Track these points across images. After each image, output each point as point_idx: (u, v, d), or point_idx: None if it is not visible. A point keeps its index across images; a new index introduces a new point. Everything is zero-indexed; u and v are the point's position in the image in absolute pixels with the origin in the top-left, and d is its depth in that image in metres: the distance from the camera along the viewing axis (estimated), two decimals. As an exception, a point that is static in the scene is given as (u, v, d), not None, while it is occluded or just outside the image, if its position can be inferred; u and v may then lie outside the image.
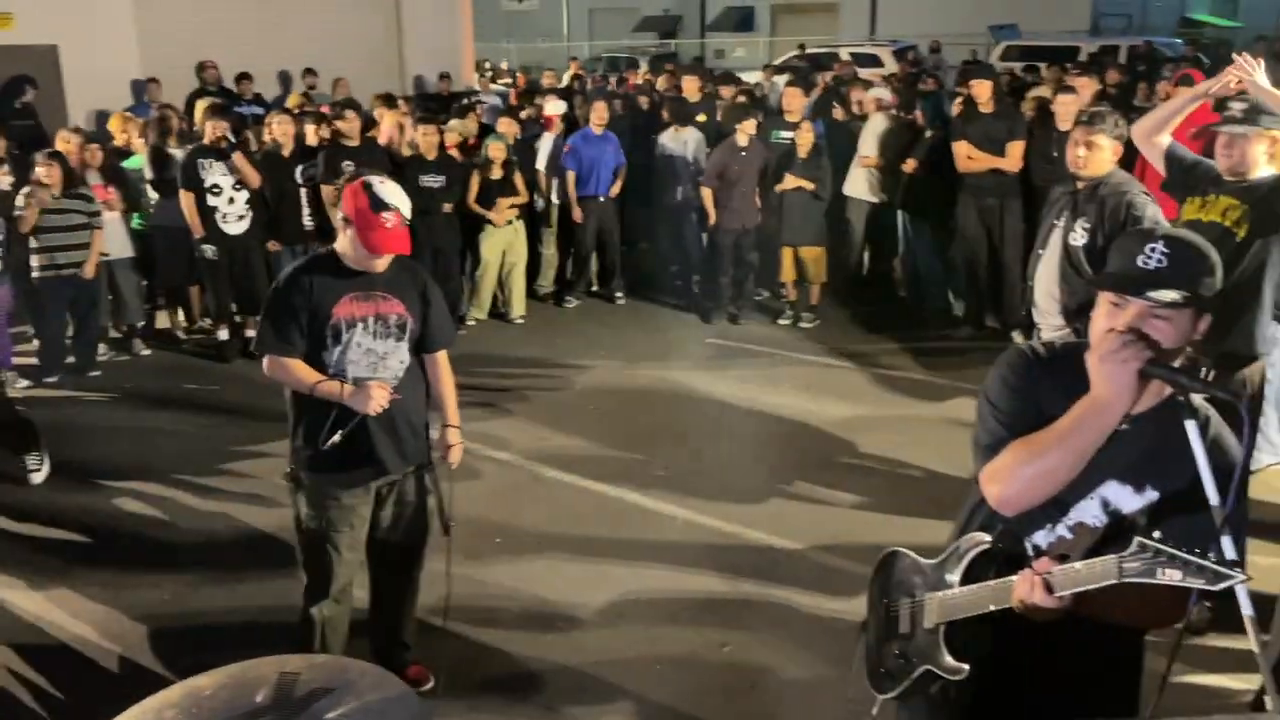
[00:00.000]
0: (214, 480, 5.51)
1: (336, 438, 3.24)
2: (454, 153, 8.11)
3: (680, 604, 4.28)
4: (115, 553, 4.78)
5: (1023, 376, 2.07)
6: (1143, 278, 1.88)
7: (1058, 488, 1.95)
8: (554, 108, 8.91)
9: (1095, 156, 4.45)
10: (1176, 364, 1.97)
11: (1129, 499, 1.96)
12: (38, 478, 5.48)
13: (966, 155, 7.42)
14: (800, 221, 7.89)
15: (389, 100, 8.56)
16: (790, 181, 7.78)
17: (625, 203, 8.93)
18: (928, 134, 8.05)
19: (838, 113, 9.20)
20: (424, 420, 3.54)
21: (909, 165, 7.94)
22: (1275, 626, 3.39)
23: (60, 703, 3.72)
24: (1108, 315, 1.93)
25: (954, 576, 2.09)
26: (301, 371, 3.27)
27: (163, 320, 8.21)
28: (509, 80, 14.64)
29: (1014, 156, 7.29)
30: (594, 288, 9.17)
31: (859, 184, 8.40)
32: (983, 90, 7.43)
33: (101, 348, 7.49)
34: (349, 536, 3.43)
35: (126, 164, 7.76)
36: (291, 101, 9.96)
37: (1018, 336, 7.46)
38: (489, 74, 16.68)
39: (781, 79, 12.46)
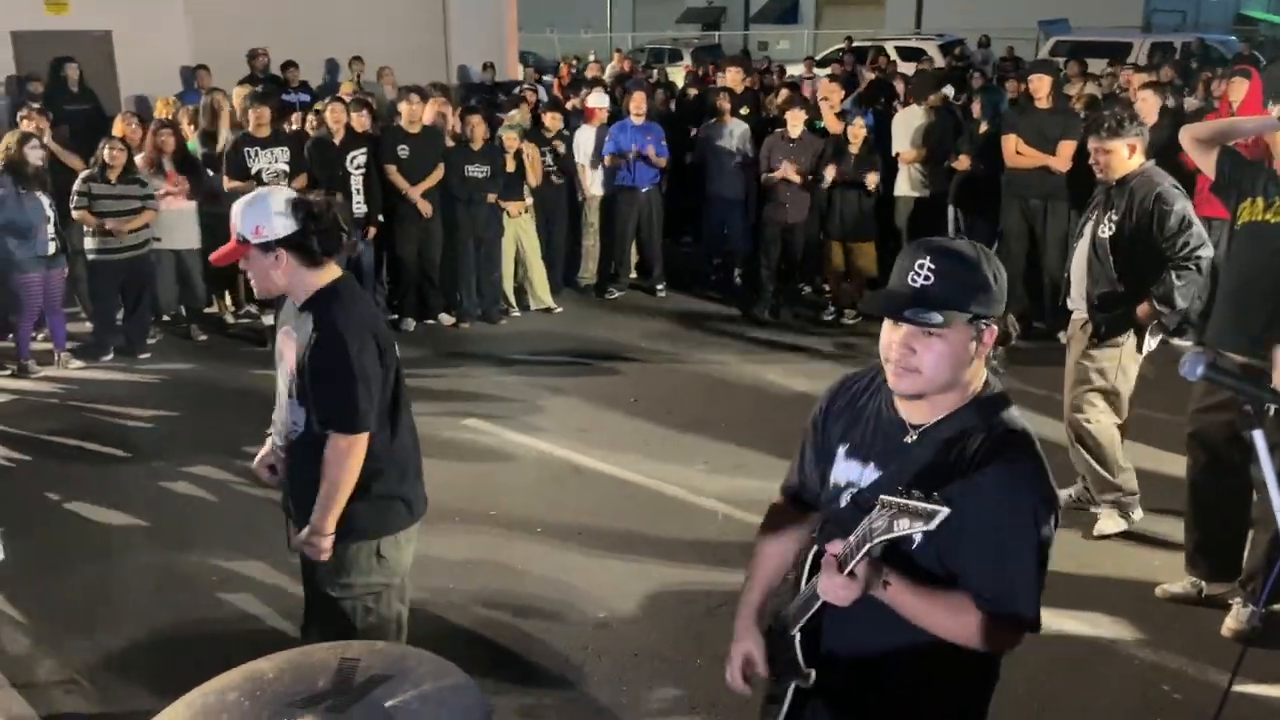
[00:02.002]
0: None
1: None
2: (512, 143, 8.06)
3: (721, 599, 4.27)
4: (160, 532, 4.86)
5: (824, 400, 2.17)
6: (907, 298, 1.85)
7: None
8: (596, 100, 8.90)
9: (1111, 161, 4.48)
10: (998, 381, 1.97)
11: None
12: None
13: (1015, 150, 7.31)
14: (852, 216, 7.82)
15: (419, 90, 8.58)
16: (832, 172, 7.72)
17: (670, 194, 8.91)
18: (981, 128, 7.93)
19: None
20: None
21: (961, 162, 7.85)
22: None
23: (113, 684, 3.78)
24: (886, 332, 1.92)
25: (803, 580, 2.10)
26: None
27: (211, 305, 8.32)
28: (538, 76, 14.62)
29: (1064, 156, 7.16)
30: (632, 275, 9.15)
31: (901, 182, 8.31)
32: (1042, 85, 7.28)
33: (152, 330, 7.62)
34: None
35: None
36: (345, 89, 10.02)
37: (1063, 337, 7.36)
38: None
39: (824, 71, 12.41)
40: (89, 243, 7.00)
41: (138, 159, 7.33)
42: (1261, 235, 3.74)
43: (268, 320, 7.69)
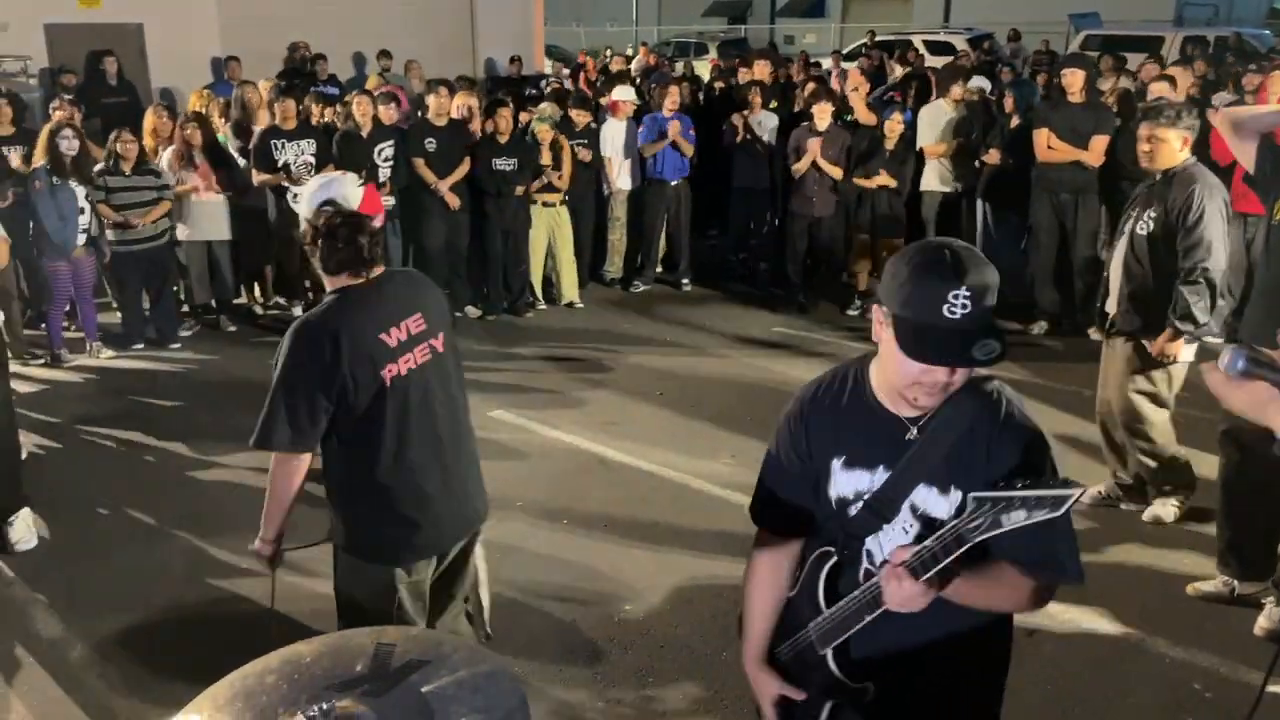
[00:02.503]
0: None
1: None
2: (546, 135, 8.07)
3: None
4: (191, 520, 4.91)
5: (794, 423, 2.07)
6: (968, 337, 1.74)
7: None
8: (622, 94, 8.89)
9: (1161, 150, 4.43)
10: None
11: (936, 502, 1.91)
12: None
13: (1047, 144, 7.25)
14: (884, 211, 7.78)
15: (446, 84, 8.61)
16: (876, 180, 7.69)
17: (695, 187, 8.90)
18: (1013, 122, 7.85)
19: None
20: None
21: (992, 156, 7.79)
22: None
23: (148, 671, 3.83)
24: (918, 367, 1.80)
25: (818, 597, 2.04)
26: None
27: (240, 296, 8.39)
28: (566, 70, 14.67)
29: (1096, 151, 7.10)
30: (658, 269, 9.15)
31: (929, 176, 8.24)
32: (1075, 80, 7.20)
33: (189, 322, 7.69)
34: None
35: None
36: (371, 83, 10.08)
37: (1094, 334, 7.31)
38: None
39: (852, 65, 12.33)
40: (109, 235, 7.05)
41: (167, 153, 7.38)
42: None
43: (296, 311, 7.75)
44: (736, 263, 9.40)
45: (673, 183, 8.58)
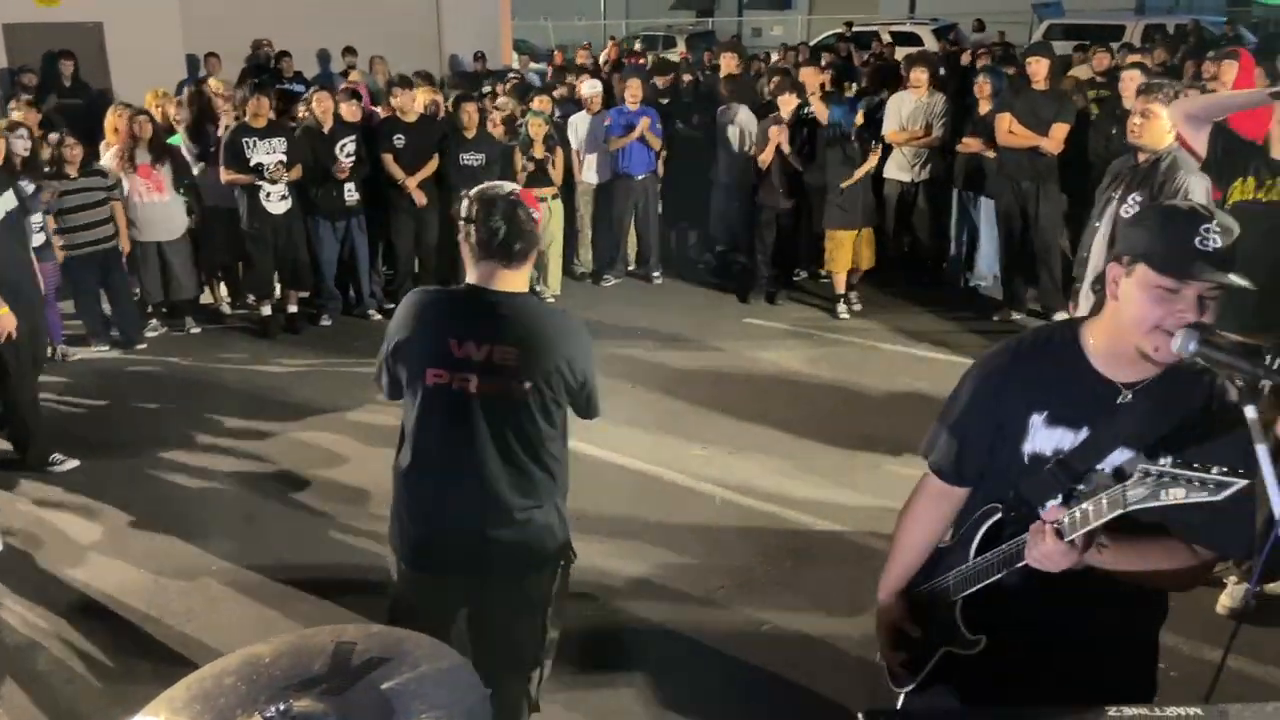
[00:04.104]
0: (257, 453, 5.58)
1: None
2: (499, 130, 8.09)
3: (719, 582, 4.29)
4: (158, 523, 4.86)
5: (997, 374, 2.09)
6: (1208, 258, 1.83)
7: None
8: (590, 88, 8.87)
9: (1151, 125, 4.39)
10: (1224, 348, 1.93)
11: (1139, 464, 1.92)
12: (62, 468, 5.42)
13: (1009, 129, 7.31)
14: (858, 202, 7.80)
15: (404, 81, 8.57)
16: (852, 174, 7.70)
17: (669, 181, 8.90)
18: (982, 109, 7.87)
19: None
20: None
21: (969, 144, 7.83)
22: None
23: (113, 673, 3.80)
24: (1157, 299, 1.86)
25: (970, 549, 2.10)
26: None
27: (206, 296, 8.30)
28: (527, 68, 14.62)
29: (1056, 138, 7.17)
30: (631, 267, 9.16)
31: (891, 164, 8.26)
32: (1040, 68, 7.28)
33: (154, 323, 7.59)
34: None
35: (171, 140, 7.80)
36: (353, 78, 10.00)
37: (1060, 319, 7.37)
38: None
39: (808, 68, 12.28)
40: (57, 240, 6.92)
41: (109, 153, 7.24)
42: (1253, 215, 3.73)
43: (265, 311, 7.69)
44: (713, 256, 9.39)
45: (639, 177, 8.57)
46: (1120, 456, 1.96)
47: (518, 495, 2.70)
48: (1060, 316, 7.38)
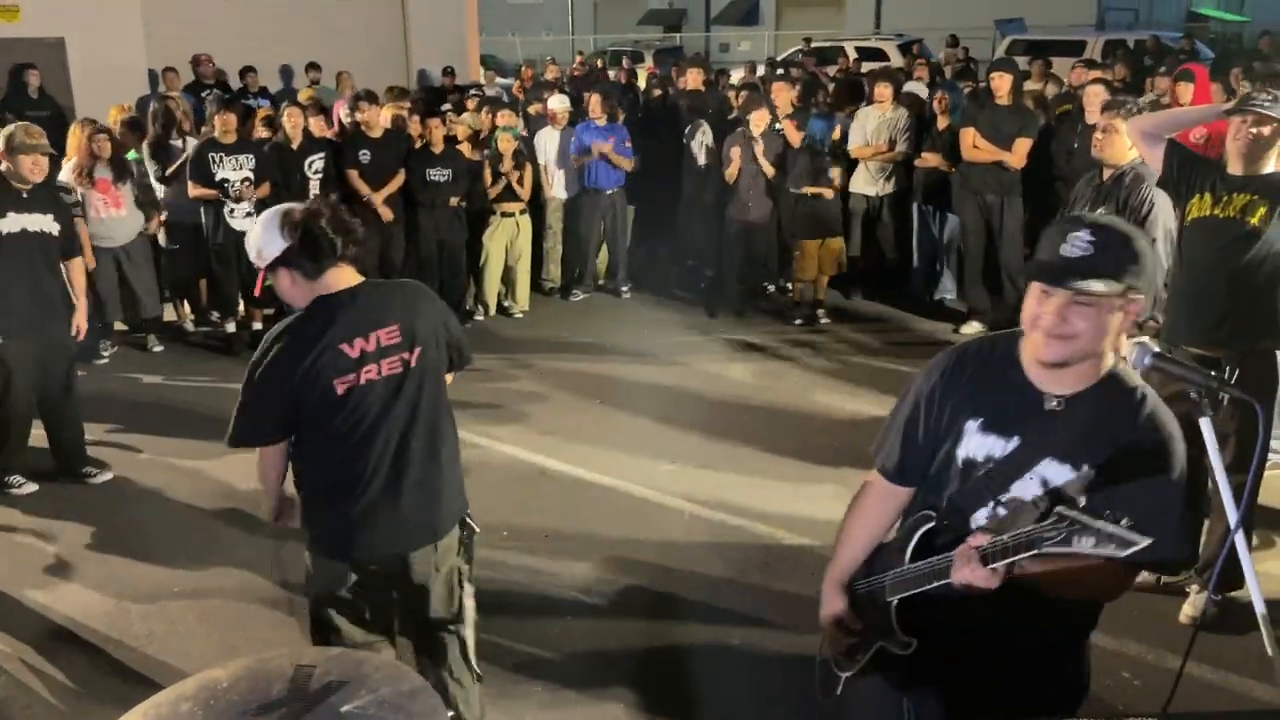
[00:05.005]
0: (219, 474, 5.51)
1: None
2: (465, 146, 8.10)
3: (687, 597, 4.28)
4: (120, 545, 4.79)
5: (942, 375, 2.17)
6: (1066, 266, 1.90)
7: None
8: (558, 103, 8.89)
9: (1113, 141, 4.46)
10: (1125, 349, 2.03)
11: (1067, 476, 2.00)
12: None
13: (972, 144, 7.40)
14: (823, 214, 7.87)
15: (370, 96, 8.55)
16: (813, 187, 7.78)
17: (641, 198, 8.91)
18: (941, 124, 7.96)
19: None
20: None
21: (928, 159, 7.91)
22: None
23: (73, 697, 3.73)
24: (1036, 301, 1.96)
25: (906, 554, 2.16)
26: None
27: (169, 313, 8.21)
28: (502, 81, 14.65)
29: (1019, 153, 7.26)
30: (600, 282, 9.16)
31: (857, 178, 8.32)
32: (1003, 83, 7.37)
33: (105, 343, 7.46)
34: None
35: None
36: (303, 96, 9.96)
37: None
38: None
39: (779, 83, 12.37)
40: None
41: (67, 167, 7.13)
42: (1210, 230, 3.80)
43: (229, 328, 7.61)
44: (684, 271, 9.40)
45: (608, 191, 8.58)
46: (1047, 468, 2.00)
47: (444, 457, 2.96)
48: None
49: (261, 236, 2.81)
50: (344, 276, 2.84)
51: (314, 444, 2.84)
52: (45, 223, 5.17)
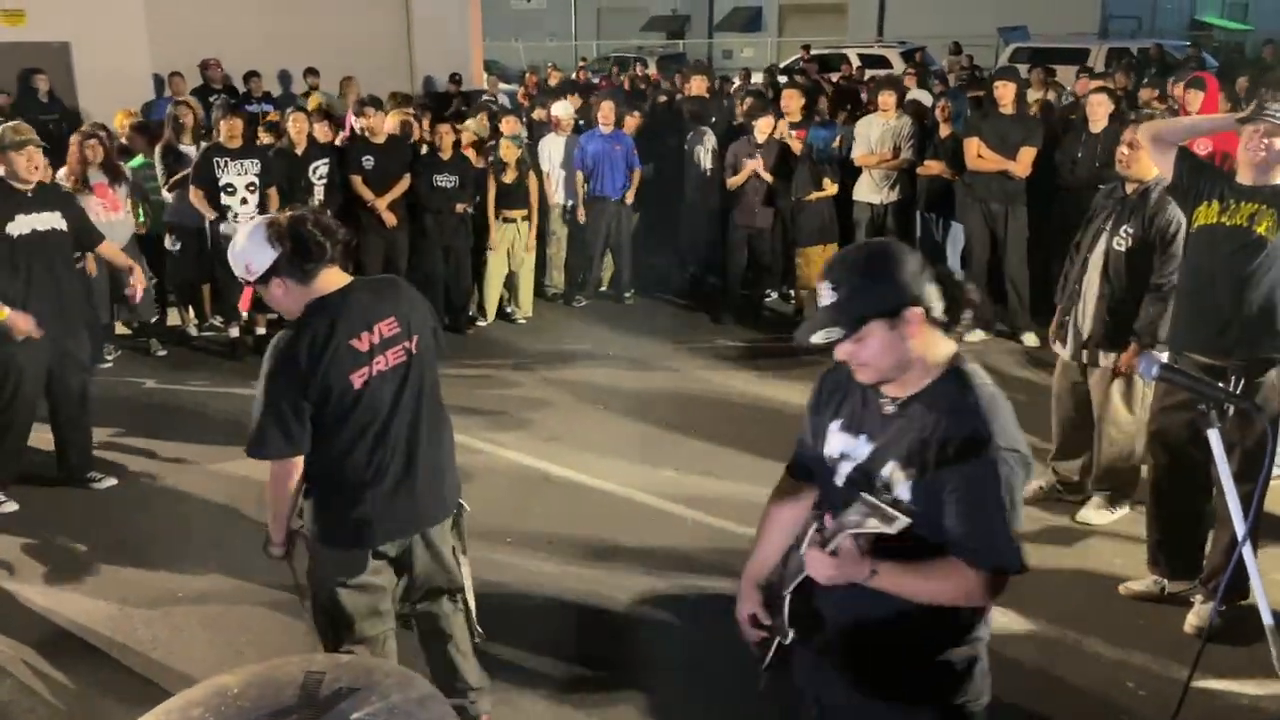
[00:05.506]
0: (223, 477, 5.52)
1: None
2: (470, 153, 8.12)
3: (691, 605, 4.28)
4: (123, 550, 4.79)
5: (820, 380, 2.35)
6: (816, 322, 2.05)
7: None
8: (561, 109, 8.90)
9: (1138, 156, 4.41)
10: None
11: (902, 482, 2.07)
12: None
13: (977, 153, 7.40)
14: (826, 220, 7.87)
15: (375, 101, 8.55)
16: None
17: (640, 202, 8.93)
18: (943, 132, 7.96)
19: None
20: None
21: (930, 167, 7.91)
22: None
23: (77, 702, 3.73)
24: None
25: (800, 549, 2.24)
26: None
27: (173, 317, 8.22)
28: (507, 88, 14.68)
29: (1024, 162, 7.27)
30: (603, 288, 9.17)
31: (861, 186, 8.34)
32: (1006, 92, 7.38)
33: (109, 346, 7.47)
34: None
35: (130, 164, 7.64)
36: (312, 103, 9.98)
37: (1027, 339, 7.46)
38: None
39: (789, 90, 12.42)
40: None
41: (61, 171, 7.11)
42: (1216, 238, 3.80)
43: (232, 332, 7.62)
44: (686, 277, 9.42)
45: (612, 199, 8.59)
46: (891, 469, 2.09)
47: (444, 438, 3.14)
48: (1028, 337, 7.47)
49: (248, 250, 2.83)
50: (334, 278, 2.91)
51: (334, 441, 2.89)
52: (54, 220, 5.13)
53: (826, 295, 2.03)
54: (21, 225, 5.01)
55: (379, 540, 3.00)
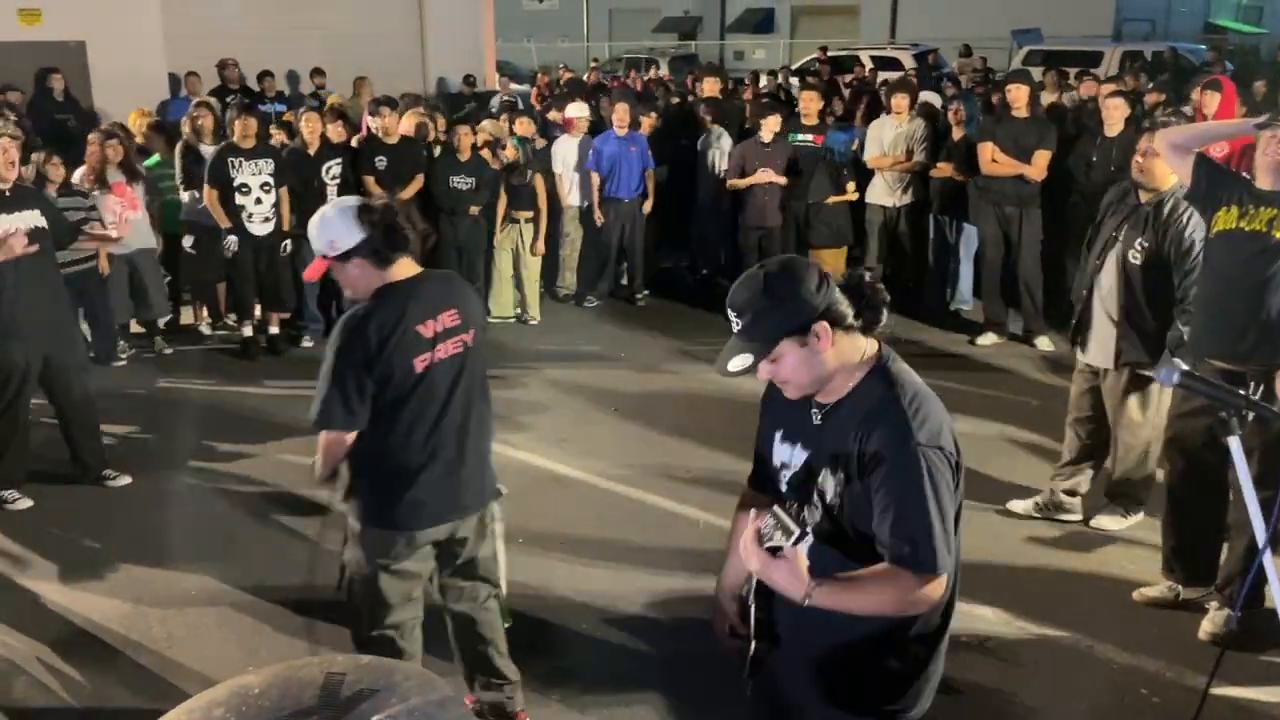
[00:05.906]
0: (237, 475, 5.54)
1: None
2: (485, 154, 8.12)
3: (703, 607, 4.27)
4: (138, 549, 4.81)
5: (765, 395, 2.37)
6: (723, 356, 2.12)
7: None
8: (575, 110, 8.91)
9: (1156, 167, 4.33)
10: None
11: (832, 487, 2.10)
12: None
13: (991, 157, 7.38)
14: (841, 223, 7.87)
15: (389, 102, 8.56)
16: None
17: (661, 205, 8.93)
18: (955, 135, 7.95)
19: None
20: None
21: (942, 169, 7.90)
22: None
23: (92, 700, 3.74)
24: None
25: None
26: None
27: (187, 316, 8.26)
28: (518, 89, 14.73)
29: (1039, 165, 7.25)
30: (620, 283, 9.14)
31: (874, 189, 8.33)
32: (1020, 95, 7.36)
33: (123, 345, 7.51)
34: None
35: (146, 164, 7.66)
36: (332, 101, 10.01)
37: (1041, 343, 7.44)
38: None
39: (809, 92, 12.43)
40: None
41: (78, 171, 7.15)
42: (1235, 243, 3.79)
43: (246, 331, 7.65)
44: (698, 278, 9.41)
45: (626, 200, 8.59)
46: (824, 475, 2.12)
47: (489, 432, 3.30)
48: (1042, 341, 7.45)
49: (336, 227, 2.94)
50: (407, 267, 3.04)
51: (392, 422, 2.99)
52: (33, 219, 5.04)
53: (735, 322, 2.08)
54: (2, 224, 4.92)
55: (427, 523, 3.09)
